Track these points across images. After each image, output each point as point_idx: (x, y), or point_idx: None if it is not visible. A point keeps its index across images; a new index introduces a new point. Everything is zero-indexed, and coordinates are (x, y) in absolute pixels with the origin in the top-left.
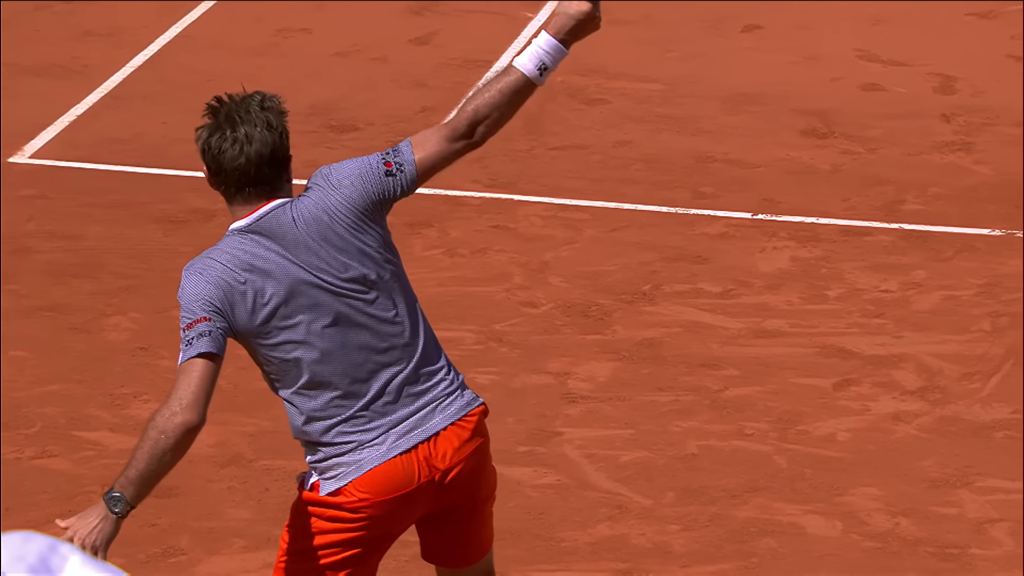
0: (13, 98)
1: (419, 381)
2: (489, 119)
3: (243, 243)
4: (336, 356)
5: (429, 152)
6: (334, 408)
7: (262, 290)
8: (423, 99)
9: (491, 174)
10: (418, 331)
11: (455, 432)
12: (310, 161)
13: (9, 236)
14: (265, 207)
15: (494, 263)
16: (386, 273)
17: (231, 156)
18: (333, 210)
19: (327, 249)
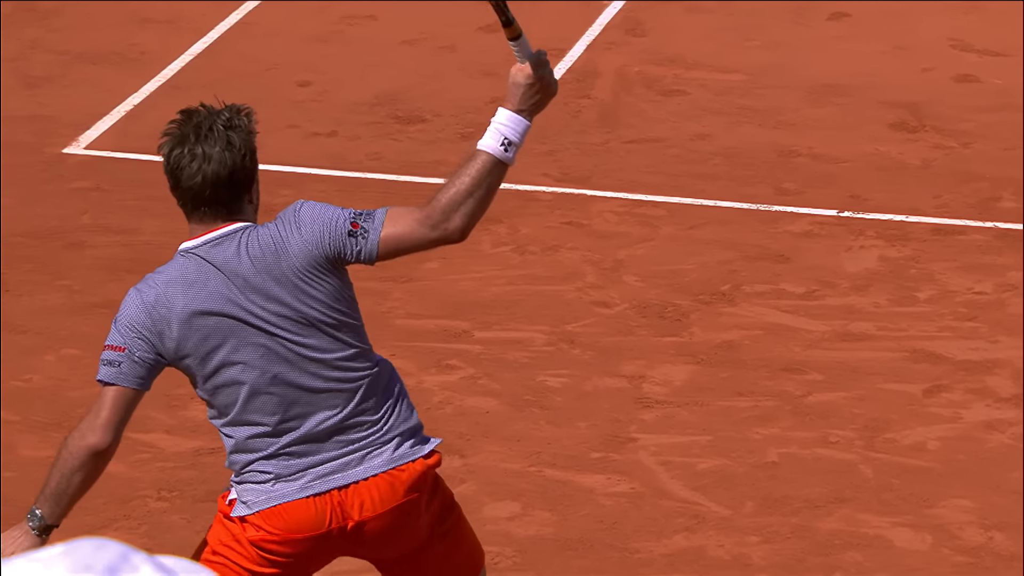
0: (68, 87)
1: (352, 428)
2: (464, 206)
3: (186, 266)
4: (265, 393)
5: (399, 231)
6: (259, 442)
7: (189, 314)
8: (492, 89)
9: (563, 168)
10: (361, 378)
11: (378, 485)
12: (375, 154)
13: (63, 230)
14: (217, 231)
15: (566, 261)
16: (330, 318)
17: (188, 174)
18: (287, 248)
19: (270, 284)
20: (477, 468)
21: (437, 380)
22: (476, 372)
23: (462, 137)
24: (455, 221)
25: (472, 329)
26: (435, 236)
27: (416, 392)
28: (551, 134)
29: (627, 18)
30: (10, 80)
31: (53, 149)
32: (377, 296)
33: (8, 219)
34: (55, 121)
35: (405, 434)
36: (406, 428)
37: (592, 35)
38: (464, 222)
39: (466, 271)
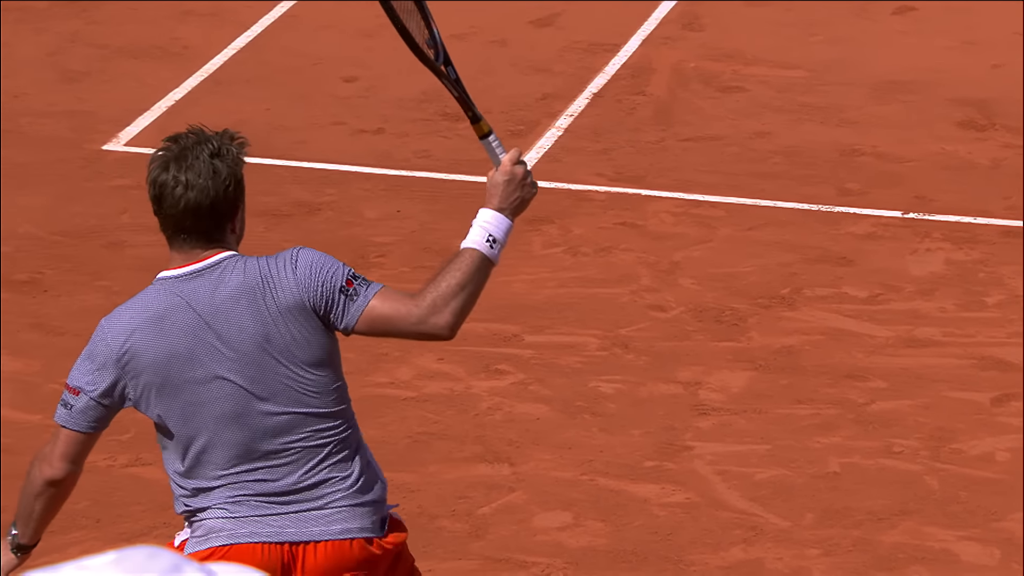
0: (107, 81)
1: (317, 485)
2: (454, 302)
3: (158, 300)
4: (226, 441)
5: (386, 311)
6: (217, 491)
7: (156, 359)
8: (544, 85)
9: (617, 167)
10: (333, 434)
11: (327, 551)
12: (423, 151)
13: (102, 229)
14: (200, 263)
15: (620, 263)
16: (303, 364)
17: (170, 201)
18: (276, 282)
19: (245, 318)
20: (527, 477)
21: (486, 385)
22: (526, 377)
23: (512, 134)
24: (445, 317)
25: (522, 333)
26: (423, 330)
27: (464, 398)
28: (605, 132)
29: (684, 12)
30: (49, 74)
31: (92, 145)
32: None
33: (47, 217)
34: (94, 117)
35: (369, 505)
36: (371, 499)
37: (647, 30)
38: (453, 319)
39: (516, 273)
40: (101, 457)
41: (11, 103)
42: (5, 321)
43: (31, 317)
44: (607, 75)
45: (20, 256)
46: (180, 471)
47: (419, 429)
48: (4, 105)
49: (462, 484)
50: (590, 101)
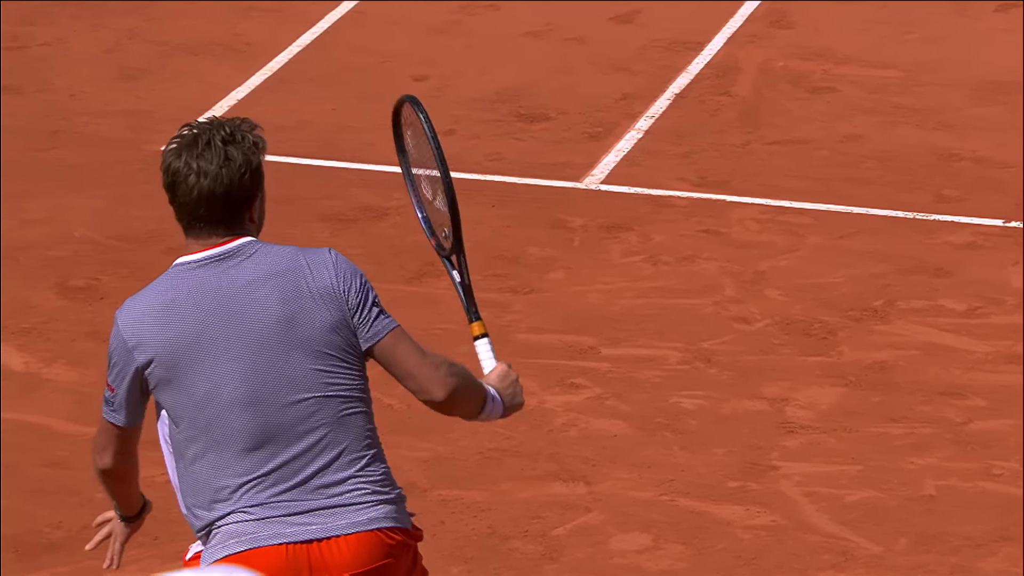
0: (167, 79)
1: (339, 482)
2: (462, 382)
3: (172, 287)
4: (245, 431)
5: (409, 344)
6: (232, 484)
7: (166, 346)
8: (624, 85)
9: (700, 171)
10: (357, 428)
11: (360, 542)
12: (495, 154)
13: (161, 233)
14: (220, 248)
15: (703, 273)
16: (328, 353)
17: (183, 189)
18: (309, 271)
19: (272, 301)
20: (604, 496)
21: (561, 400)
22: (603, 392)
23: (590, 137)
24: (448, 383)
25: (599, 345)
26: (427, 399)
27: (538, 413)
28: (687, 134)
29: (771, 9)
30: (107, 72)
31: (151, 146)
32: (497, 308)
33: (103, 221)
34: (153, 116)
35: (392, 501)
36: (394, 496)
37: (733, 27)
38: (452, 390)
39: (593, 282)
40: (158, 472)
41: (67, 102)
42: (61, 329)
43: (87, 325)
44: (690, 75)
45: (76, 261)
46: (194, 479)
47: (490, 445)
48: (60, 104)
49: (535, 504)
50: (672, 102)
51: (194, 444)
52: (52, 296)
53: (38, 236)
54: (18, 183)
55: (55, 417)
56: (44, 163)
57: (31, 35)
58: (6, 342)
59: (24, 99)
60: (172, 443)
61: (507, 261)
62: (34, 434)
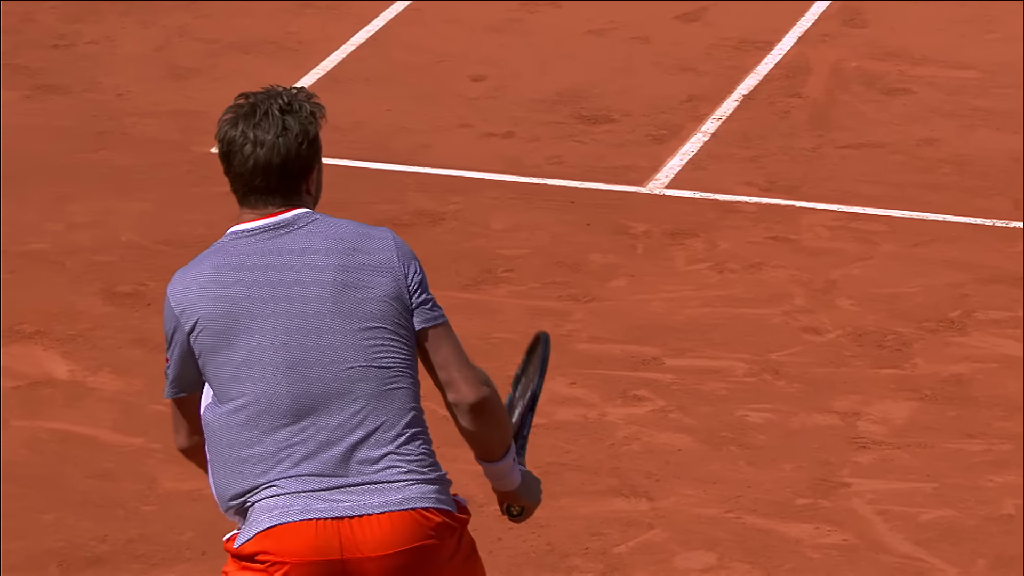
0: (218, 79)
1: (377, 459)
2: (488, 418)
3: (225, 255)
4: (279, 395)
5: (445, 346)
6: (267, 459)
7: (212, 311)
8: (690, 86)
9: (769, 176)
10: (400, 403)
11: (393, 521)
12: (556, 157)
13: (211, 238)
14: (278, 217)
15: (771, 281)
16: (380, 327)
17: (239, 159)
18: (370, 247)
19: (328, 270)
20: (667, 513)
21: (623, 413)
22: (667, 404)
23: (654, 140)
24: (481, 390)
25: (663, 356)
26: (459, 376)
27: (599, 426)
28: (755, 137)
29: (844, 7)
30: (156, 71)
31: (201, 148)
32: (557, 317)
33: (151, 225)
34: (203, 117)
35: (431, 481)
36: (434, 476)
37: (804, 26)
38: (484, 397)
39: (657, 290)
40: (206, 484)
41: (115, 102)
42: (106, 336)
43: (134, 332)
44: (759, 75)
45: (123, 266)
46: (229, 454)
47: (549, 459)
48: (108, 104)
49: (596, 520)
50: (740, 103)
51: (231, 416)
52: (98, 302)
53: (84, 240)
54: (64, 185)
55: (101, 427)
56: (91, 165)
57: (78, 33)
58: (52, 349)
59: (71, 99)
60: (208, 422)
61: (568, 268)
62: (79, 445)
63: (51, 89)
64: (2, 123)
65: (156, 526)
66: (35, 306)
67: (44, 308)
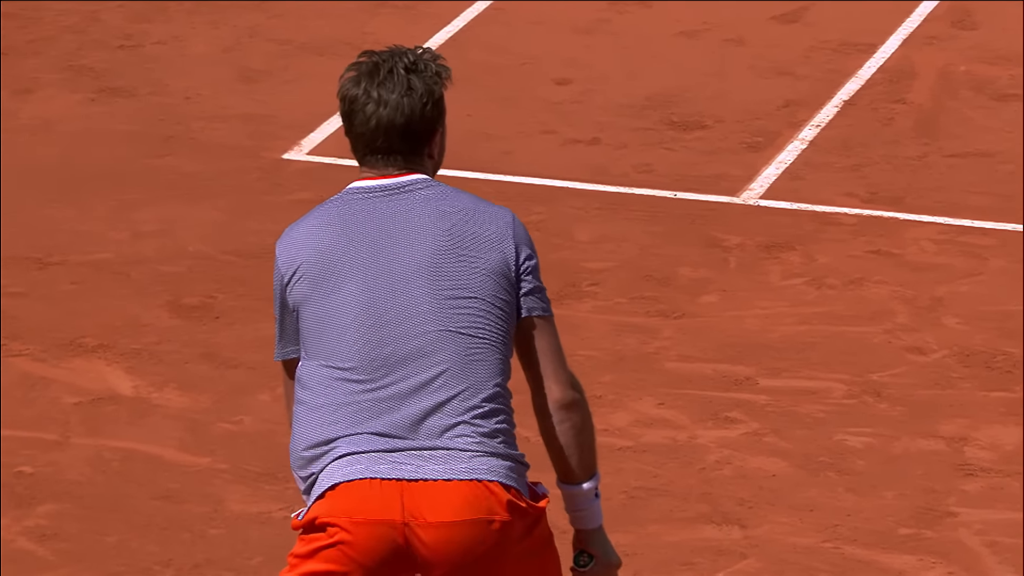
0: (290, 82)
1: (452, 427)
2: (575, 426)
3: (339, 209)
4: (361, 353)
5: (544, 338)
6: (342, 418)
7: (313, 261)
8: (788, 91)
9: (871, 186)
10: (484, 376)
11: (459, 489)
12: (645, 165)
13: None
14: (397, 179)
15: (873, 297)
16: (479, 299)
17: (361, 119)
18: (484, 217)
19: (437, 235)
20: (761, 542)
21: (714, 436)
22: (761, 427)
23: (748, 147)
24: (572, 392)
25: (757, 376)
26: (555, 378)
27: (689, 449)
28: (857, 145)
29: (953, 8)
30: (225, 73)
31: (272, 154)
32: (643, 334)
33: (220, 235)
34: (274, 121)
35: (502, 457)
36: (505, 453)
37: (909, 28)
38: (568, 413)
39: (751, 306)
40: (276, 507)
41: (182, 105)
42: (173, 351)
43: (201, 346)
44: (860, 79)
45: (190, 278)
46: (309, 415)
47: (636, 484)
48: (174, 108)
49: (685, 548)
50: (840, 109)
51: (313, 374)
52: (165, 315)
53: (150, 250)
54: (130, 192)
55: (166, 446)
56: (157, 171)
57: (145, 33)
58: (115, 363)
59: (137, 102)
60: (298, 383)
61: (656, 282)
62: (143, 464)
63: (116, 92)
64: (65, 127)
65: (223, 550)
66: (98, 319)
67: (108, 321)
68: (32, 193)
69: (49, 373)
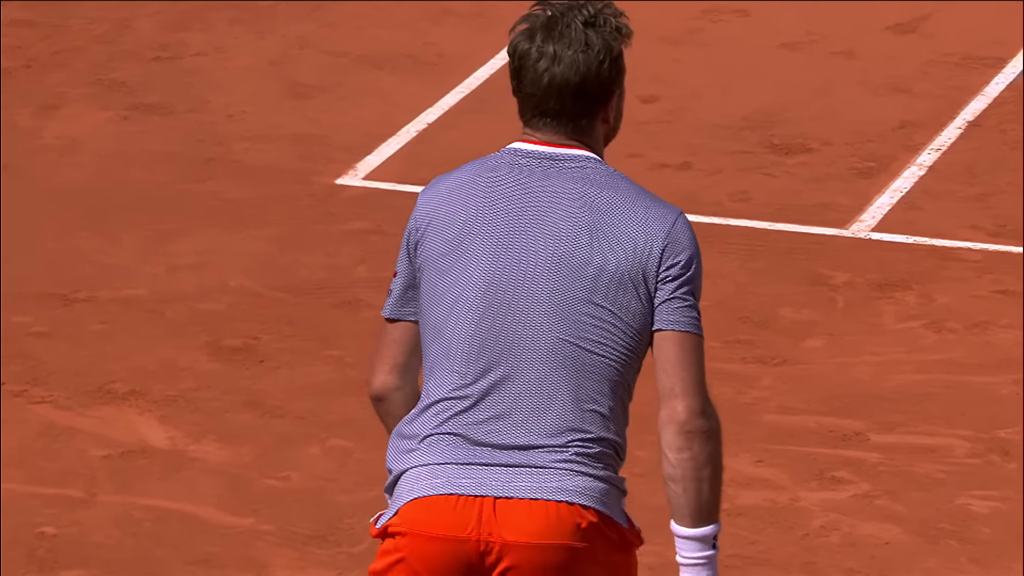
0: (344, 98)
1: (548, 441)
2: (700, 461)
3: (492, 166)
4: (472, 343)
5: (685, 356)
6: (438, 411)
7: (444, 222)
8: (903, 110)
9: (998, 218)
10: (581, 386)
11: (545, 510)
12: (742, 193)
13: (334, 284)
14: (565, 149)
15: (1000, 343)
16: (601, 306)
17: (532, 76)
18: (627, 216)
19: (567, 227)
20: None
21: (819, 497)
22: (873, 488)
23: (859, 173)
24: (703, 427)
25: (868, 431)
26: (682, 402)
27: (790, 512)
28: (982, 172)
29: None
30: (273, 89)
31: (324, 179)
32: (739, 382)
33: (266, 268)
34: (327, 143)
35: (599, 479)
36: (603, 476)
37: None
38: (692, 442)
39: (861, 352)
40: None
41: (225, 124)
42: (214, 397)
43: (244, 393)
44: (987, 98)
45: (233, 316)
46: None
47: (731, 551)
48: (215, 127)
49: None
50: (963, 131)
51: (426, 355)
52: (203, 358)
53: (188, 285)
54: (166, 221)
55: (204, 504)
56: (196, 197)
57: (183, 43)
58: (148, 412)
59: (174, 120)
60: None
61: (754, 324)
62: (180, 524)
63: (151, 109)
64: (94, 148)
65: None
66: (130, 362)
67: (140, 364)
68: (57, 222)
69: (75, 422)
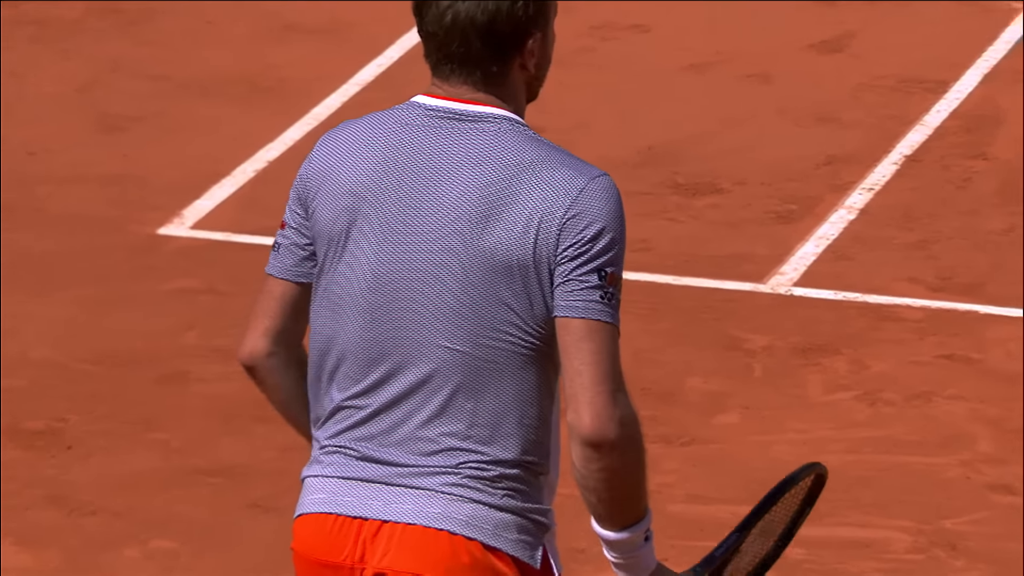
0: (166, 131)
1: (444, 451)
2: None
3: (386, 121)
4: (359, 344)
5: (585, 351)
6: (340, 417)
7: (334, 191)
8: (829, 143)
9: (942, 269)
10: (486, 388)
11: (424, 537)
12: (640, 242)
13: (157, 355)
14: (469, 105)
15: (945, 418)
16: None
17: (433, 15)
18: (537, 190)
19: (462, 202)
20: None
21: None
22: None
23: (779, 218)
24: (613, 433)
25: None
26: (588, 401)
27: None
28: (922, 215)
29: None
30: (81, 121)
31: (143, 228)
32: None
33: (74, 336)
34: (146, 185)
35: (496, 508)
36: (510, 505)
37: (991, 60)
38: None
39: (781, 429)
40: None
41: (23, 163)
42: (12, 491)
43: (46, 487)
44: (927, 128)
45: (34, 394)
46: (314, 414)
47: None
48: (14, 167)
49: None
50: (900, 167)
51: (330, 340)
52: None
53: None
54: None
55: None
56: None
57: None
58: None
59: None
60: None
61: (657, 397)
62: None
63: None
64: None
65: None
66: None
67: None
68: None
69: None
